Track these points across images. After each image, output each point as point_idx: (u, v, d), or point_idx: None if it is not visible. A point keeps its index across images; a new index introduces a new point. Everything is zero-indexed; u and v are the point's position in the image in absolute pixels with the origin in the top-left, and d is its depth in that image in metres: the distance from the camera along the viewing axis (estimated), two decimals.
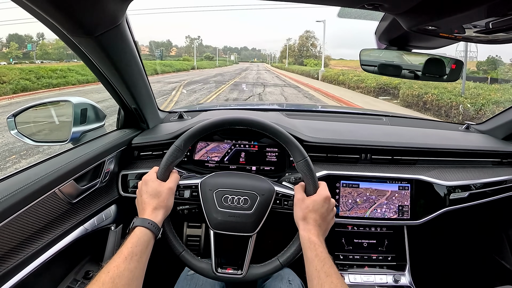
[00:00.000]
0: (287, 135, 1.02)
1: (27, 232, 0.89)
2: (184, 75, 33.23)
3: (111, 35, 0.92)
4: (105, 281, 0.71)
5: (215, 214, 1.02)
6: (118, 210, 1.32)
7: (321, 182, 1.00)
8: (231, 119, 1.04)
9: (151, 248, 0.86)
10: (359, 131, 1.51)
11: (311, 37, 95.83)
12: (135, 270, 0.77)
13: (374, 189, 1.29)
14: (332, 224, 0.99)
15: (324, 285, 0.77)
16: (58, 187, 0.98)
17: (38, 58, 74.37)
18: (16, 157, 5.77)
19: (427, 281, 1.40)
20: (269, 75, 36.86)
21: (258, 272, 1.00)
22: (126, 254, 0.78)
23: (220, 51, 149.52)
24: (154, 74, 30.37)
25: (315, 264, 0.82)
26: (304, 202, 0.95)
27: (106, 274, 0.72)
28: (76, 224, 1.08)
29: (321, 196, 0.95)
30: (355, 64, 42.59)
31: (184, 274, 1.19)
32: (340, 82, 21.31)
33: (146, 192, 0.95)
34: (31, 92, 16.07)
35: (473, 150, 1.43)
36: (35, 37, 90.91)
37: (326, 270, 0.80)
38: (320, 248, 0.86)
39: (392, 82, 15.03)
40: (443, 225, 1.56)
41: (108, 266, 0.75)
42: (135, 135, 1.40)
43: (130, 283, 0.74)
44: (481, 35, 0.77)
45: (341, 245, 1.34)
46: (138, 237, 0.83)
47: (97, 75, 1.15)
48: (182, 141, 1.01)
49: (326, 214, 0.95)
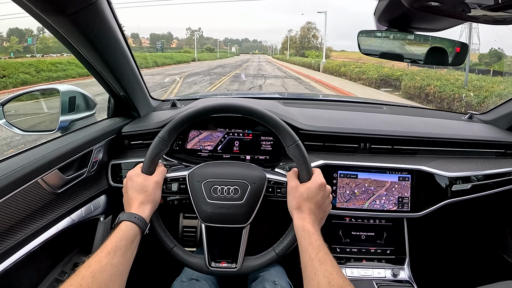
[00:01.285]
0: (275, 118, 0.98)
1: (8, 223, 0.86)
2: (185, 67, 33.33)
3: (87, 14, 0.88)
4: (85, 275, 0.69)
5: (205, 206, 0.99)
6: (108, 200, 1.29)
7: (315, 169, 0.96)
8: (216, 106, 1.00)
9: (137, 244, 0.83)
10: (358, 120, 1.46)
11: (312, 29, 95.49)
12: (119, 265, 0.74)
13: (373, 180, 1.25)
14: (328, 212, 0.95)
15: (318, 273, 0.74)
16: (40, 176, 0.95)
17: (38, 52, 74.71)
18: (14, 151, 5.78)
19: (427, 276, 1.37)
20: (270, 67, 36.91)
21: (254, 264, 0.97)
22: (109, 248, 0.75)
23: (221, 43, 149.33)
24: (155, 66, 30.51)
25: (309, 252, 0.79)
26: (297, 190, 0.91)
27: (87, 268, 0.70)
28: (62, 215, 1.06)
29: (316, 183, 0.91)
30: (356, 56, 42.55)
31: (178, 280, 1.17)
32: (342, 74, 21.34)
33: (132, 187, 0.92)
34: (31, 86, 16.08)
35: (476, 140, 1.39)
36: (36, 31, 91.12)
37: (320, 257, 0.77)
38: (314, 236, 0.82)
39: (394, 73, 15.04)
40: (445, 218, 1.53)
41: (90, 260, 0.72)
42: (125, 124, 1.37)
43: (112, 278, 0.72)
44: (488, 13, 0.72)
45: (338, 237, 1.31)
46: (124, 231, 0.81)
47: (79, 59, 1.11)
48: (166, 132, 0.98)
49: (321, 202, 0.91)
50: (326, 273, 0.73)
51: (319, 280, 0.72)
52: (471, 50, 23.71)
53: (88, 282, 0.67)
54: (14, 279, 0.94)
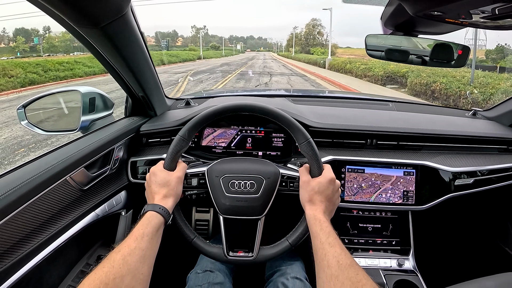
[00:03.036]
0: (289, 118, 1.03)
1: (41, 219, 0.91)
2: (191, 65, 33.14)
3: (117, 25, 0.93)
4: (116, 258, 0.72)
5: (223, 199, 1.04)
6: (128, 196, 1.35)
7: (325, 165, 1.01)
8: (233, 106, 1.05)
9: (161, 233, 0.87)
10: (365, 117, 1.51)
11: (317, 25, 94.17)
12: (146, 249, 0.78)
13: (379, 174, 1.30)
14: (337, 205, 1.00)
15: (328, 254, 0.78)
16: (69, 174, 1.00)
17: (45, 51, 74.42)
18: (25, 150, 5.86)
19: (430, 266, 1.41)
20: (276, 64, 36.54)
21: (269, 253, 1.02)
22: (137, 234, 0.80)
23: (226, 41, 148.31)
24: (160, 64, 30.35)
25: (319, 237, 0.83)
26: (309, 184, 0.96)
27: (117, 253, 0.74)
28: (87, 210, 1.11)
29: (326, 177, 0.96)
30: (362, 53, 41.93)
31: (193, 272, 1.22)
32: (347, 71, 21.05)
33: (155, 182, 0.97)
34: (38, 86, 16.19)
35: (479, 136, 1.42)
36: (42, 30, 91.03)
37: (330, 241, 0.81)
38: (325, 224, 0.87)
39: (399, 70, 14.77)
40: (448, 211, 1.57)
41: (119, 246, 0.76)
42: (143, 123, 1.42)
43: (141, 260, 0.75)
44: (488, 21, 0.76)
45: (346, 229, 1.36)
46: (149, 220, 0.85)
47: (104, 64, 1.17)
48: (186, 131, 1.03)
49: (331, 195, 0.96)
50: (335, 254, 0.77)
51: (328, 260, 0.77)
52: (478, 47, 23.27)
53: (119, 264, 0.71)
54: (45, 271, 0.98)
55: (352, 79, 18.53)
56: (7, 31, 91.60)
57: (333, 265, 0.75)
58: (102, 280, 0.67)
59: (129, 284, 0.70)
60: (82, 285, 0.66)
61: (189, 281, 1.19)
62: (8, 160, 5.41)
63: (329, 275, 0.74)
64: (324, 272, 0.75)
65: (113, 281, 0.67)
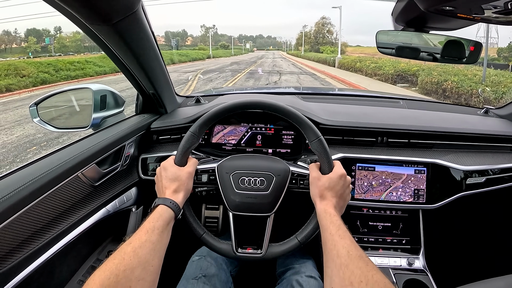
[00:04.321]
0: (300, 115, 1.02)
1: (53, 214, 0.92)
2: (200, 64, 33.32)
3: (128, 22, 0.94)
4: (127, 250, 0.73)
5: (233, 196, 1.04)
6: (139, 192, 1.36)
7: (335, 161, 1.01)
8: (244, 103, 1.05)
9: (171, 227, 0.88)
10: (375, 114, 1.50)
11: (327, 24, 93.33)
12: (157, 242, 0.78)
13: (390, 172, 1.29)
14: (348, 201, 1.00)
15: (338, 245, 0.78)
16: (81, 170, 1.02)
17: (56, 51, 75.27)
18: (37, 148, 5.95)
19: (441, 266, 1.39)
20: (285, 63, 36.44)
21: (277, 250, 1.02)
22: (148, 228, 0.80)
23: (235, 40, 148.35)
24: (170, 64, 30.59)
25: (330, 230, 0.83)
26: (320, 180, 0.96)
27: (128, 245, 0.74)
28: (98, 206, 1.12)
29: (337, 173, 0.96)
30: (372, 51, 41.65)
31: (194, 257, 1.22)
32: (357, 69, 20.92)
33: (166, 177, 0.97)
34: (50, 85, 16.39)
35: (491, 135, 1.40)
36: (53, 30, 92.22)
37: (340, 234, 0.81)
38: (335, 217, 0.87)
39: (410, 69, 14.63)
40: (459, 210, 1.54)
41: (130, 239, 0.77)
42: (154, 120, 1.44)
43: (152, 253, 0.75)
44: (500, 16, 0.75)
45: (356, 227, 1.35)
46: (160, 213, 0.85)
47: (115, 62, 1.18)
48: (197, 127, 1.03)
49: (342, 191, 0.96)
50: (345, 245, 0.77)
51: (338, 250, 0.76)
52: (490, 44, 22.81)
53: (130, 256, 0.71)
54: (56, 265, 1.00)
55: (362, 77, 18.42)
56: (18, 32, 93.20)
57: (343, 255, 0.75)
58: (113, 272, 0.67)
59: (139, 276, 0.70)
60: (93, 276, 0.66)
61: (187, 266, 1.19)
62: (20, 158, 5.50)
63: (338, 264, 0.73)
64: (334, 262, 0.75)
65: (124, 273, 0.68)
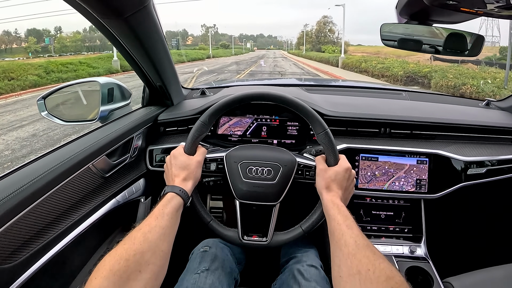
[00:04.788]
0: (307, 108, 1.04)
1: (65, 206, 0.94)
2: (200, 64, 32.91)
3: (140, 16, 0.95)
4: (136, 236, 0.74)
5: (240, 185, 1.07)
6: (147, 183, 1.38)
7: (341, 155, 1.03)
8: (254, 94, 1.07)
9: (180, 213, 0.89)
10: (379, 106, 1.52)
11: (328, 23, 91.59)
12: (166, 228, 0.80)
13: (392, 163, 1.31)
14: (352, 194, 1.03)
15: (345, 234, 0.79)
16: (91, 162, 1.03)
17: (56, 51, 74.66)
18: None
19: (442, 253, 1.41)
20: (286, 63, 36.21)
21: (282, 239, 1.05)
22: (157, 214, 0.82)
23: (236, 39, 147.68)
24: None
25: (337, 219, 0.84)
26: (326, 172, 0.98)
27: (138, 230, 0.76)
28: (109, 197, 1.14)
29: (342, 167, 0.99)
30: (373, 50, 41.38)
31: (196, 250, 1.24)
32: (363, 70, 20.30)
33: (175, 165, 0.99)
34: (40, 88, 15.68)
35: (492, 126, 1.42)
36: (53, 30, 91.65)
37: (347, 224, 0.82)
38: (343, 208, 0.89)
39: (421, 70, 13.94)
40: (461, 200, 1.57)
41: (140, 225, 0.78)
42: (161, 112, 1.46)
43: (161, 238, 0.77)
44: (503, 10, 0.76)
45: (359, 216, 1.38)
46: (169, 200, 0.87)
47: (124, 55, 1.20)
48: (207, 116, 1.05)
49: (347, 184, 0.98)
50: (353, 235, 0.78)
51: (346, 240, 0.77)
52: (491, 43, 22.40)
53: (140, 241, 0.73)
54: (68, 256, 1.02)
55: (369, 79, 17.78)
56: (19, 32, 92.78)
57: (350, 244, 0.76)
58: (123, 256, 0.69)
59: (149, 260, 0.71)
60: (103, 261, 0.68)
61: (190, 259, 1.21)
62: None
63: (346, 253, 0.75)
64: (341, 251, 0.76)
65: (134, 257, 0.69)
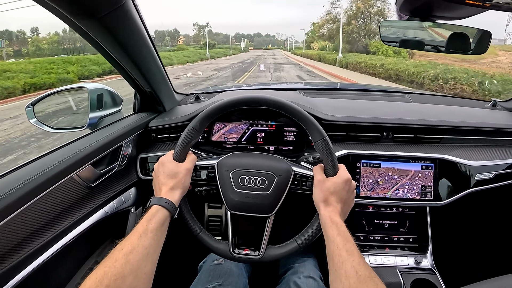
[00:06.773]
0: (304, 113, 0.99)
1: (47, 217, 0.90)
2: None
3: (116, 16, 0.91)
4: (118, 257, 0.71)
5: (232, 195, 1.01)
6: (138, 192, 1.34)
7: (340, 165, 0.97)
8: (247, 98, 1.02)
9: (166, 227, 0.86)
10: (380, 109, 1.46)
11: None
12: (149, 247, 0.77)
13: (396, 169, 1.25)
14: (351, 206, 0.97)
15: (346, 262, 0.74)
16: (75, 172, 1.00)
17: (31, 54, 73.70)
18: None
19: (449, 264, 1.36)
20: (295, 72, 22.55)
21: (276, 253, 0.99)
22: (140, 231, 0.78)
23: (232, 39, 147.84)
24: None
25: (336, 242, 0.79)
26: (324, 184, 0.92)
27: (120, 251, 0.73)
28: (95, 208, 1.10)
29: (342, 178, 0.93)
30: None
31: (208, 263, 1.21)
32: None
33: (163, 172, 0.95)
34: None
35: (499, 128, 1.37)
36: (29, 32, 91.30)
37: (348, 248, 0.77)
38: (342, 228, 0.83)
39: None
40: (468, 207, 1.51)
41: (122, 243, 0.75)
42: (152, 118, 1.41)
43: (144, 259, 0.74)
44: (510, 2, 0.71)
45: (361, 225, 1.32)
46: (154, 214, 0.83)
47: (108, 59, 1.15)
48: (198, 122, 1.00)
49: (347, 196, 0.93)
50: (354, 263, 0.73)
51: (346, 269, 0.73)
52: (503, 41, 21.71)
53: (121, 264, 0.70)
54: (52, 269, 0.98)
55: None
56: None
57: (351, 275, 0.71)
58: (103, 282, 0.66)
59: (131, 284, 0.69)
60: (83, 285, 0.65)
61: (200, 271, 1.18)
62: None
63: (347, 286, 0.71)
64: (342, 283, 0.72)
65: (114, 282, 0.66)
